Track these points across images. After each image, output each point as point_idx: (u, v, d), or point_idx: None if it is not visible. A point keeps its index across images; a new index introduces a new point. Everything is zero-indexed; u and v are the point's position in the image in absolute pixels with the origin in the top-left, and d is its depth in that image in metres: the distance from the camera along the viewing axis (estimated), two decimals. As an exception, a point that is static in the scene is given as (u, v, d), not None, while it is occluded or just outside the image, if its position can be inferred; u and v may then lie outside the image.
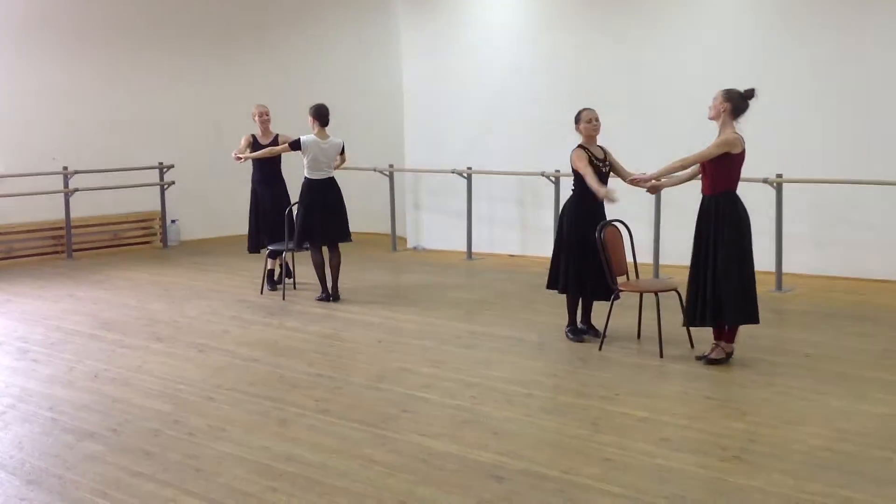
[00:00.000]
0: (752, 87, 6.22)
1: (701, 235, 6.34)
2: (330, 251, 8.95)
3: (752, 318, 6.31)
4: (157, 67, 13.19)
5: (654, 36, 10.63)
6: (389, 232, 12.59)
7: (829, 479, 4.40)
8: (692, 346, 6.78)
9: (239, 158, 9.39)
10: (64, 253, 12.19)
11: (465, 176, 11.60)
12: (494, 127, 11.80)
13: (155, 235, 13.27)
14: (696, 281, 6.35)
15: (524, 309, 8.46)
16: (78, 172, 12.13)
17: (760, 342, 6.76)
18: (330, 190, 8.89)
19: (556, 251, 7.19)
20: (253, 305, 8.89)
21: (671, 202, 9.48)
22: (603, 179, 6.98)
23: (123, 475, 4.63)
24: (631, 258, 7.19)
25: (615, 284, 6.83)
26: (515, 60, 11.64)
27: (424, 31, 12.47)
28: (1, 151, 11.81)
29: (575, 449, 4.90)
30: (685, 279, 6.50)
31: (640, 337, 7.17)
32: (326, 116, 8.80)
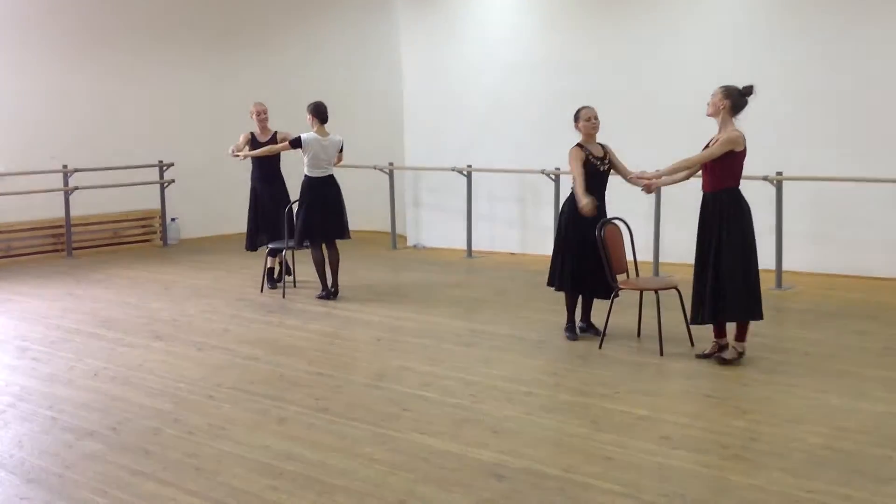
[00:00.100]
0: (750, 83, 6.23)
1: (704, 232, 6.33)
2: (328, 249, 8.95)
3: (754, 314, 6.31)
4: (156, 66, 13.19)
5: (653, 33, 10.62)
6: (389, 230, 12.59)
7: (829, 477, 4.40)
8: (692, 344, 6.78)
9: (237, 156, 9.44)
10: (64, 251, 12.19)
11: (465, 174, 11.59)
12: (494, 125, 11.80)
13: (155, 234, 13.27)
14: (700, 278, 6.36)
15: (524, 307, 8.45)
16: (78, 171, 12.12)
17: (760, 340, 6.76)
18: (330, 188, 8.89)
19: (555, 249, 7.19)
20: (253, 304, 8.89)
21: (671, 200, 9.48)
22: (601, 178, 6.98)
23: (123, 474, 4.63)
24: (631, 256, 7.19)
25: (615, 282, 6.83)
26: (515, 58, 11.63)
27: (424, 28, 12.47)
28: (1, 150, 11.80)
29: (575, 447, 4.90)
30: (685, 277, 6.50)
31: (640, 335, 7.16)
32: (325, 114, 8.80)
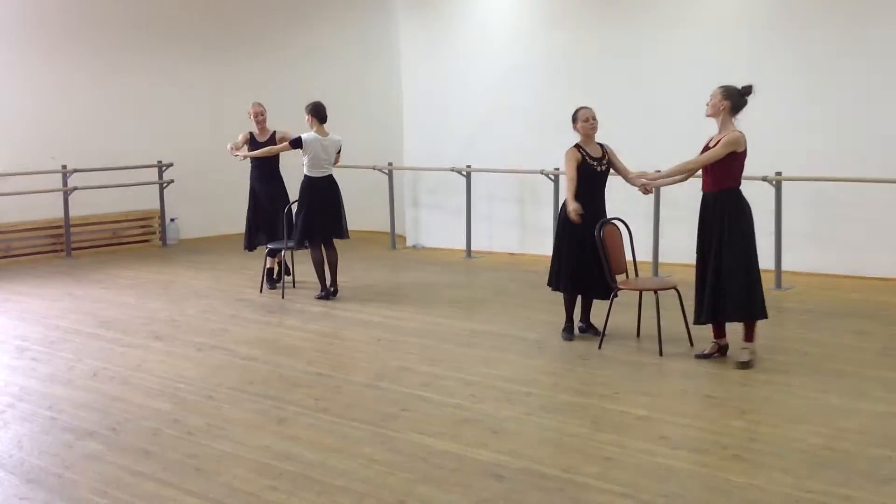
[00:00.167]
0: (749, 83, 6.22)
1: (704, 233, 6.32)
2: (326, 249, 8.95)
3: (754, 314, 6.28)
4: (156, 66, 13.18)
5: (653, 33, 10.61)
6: (388, 230, 12.59)
7: (828, 477, 4.40)
8: (692, 344, 6.78)
9: (236, 155, 9.43)
10: (63, 251, 12.18)
11: (464, 174, 11.59)
12: (493, 125, 11.79)
13: (154, 234, 13.27)
14: (701, 278, 6.35)
15: (523, 307, 8.45)
16: (77, 171, 12.12)
17: (760, 340, 6.73)
18: (330, 187, 8.89)
19: (554, 249, 7.19)
20: (252, 304, 8.89)
21: (670, 200, 9.49)
22: (599, 179, 6.99)
23: (123, 474, 4.63)
24: (630, 256, 7.19)
25: (614, 283, 6.83)
26: (514, 58, 11.62)
27: (423, 29, 12.46)
28: (0, 150, 11.80)
29: (574, 447, 4.90)
30: (684, 277, 6.49)
31: (639, 335, 7.16)
32: (325, 113, 8.79)
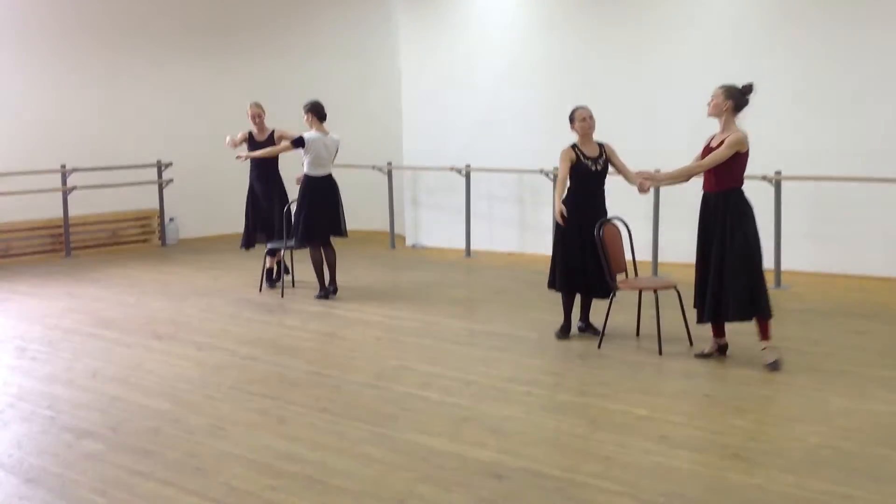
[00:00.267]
0: (750, 81, 6.22)
1: (706, 233, 6.29)
2: (325, 247, 8.95)
3: (758, 313, 6.25)
4: (155, 65, 13.17)
5: (652, 32, 10.62)
6: (388, 230, 12.59)
7: (828, 476, 4.40)
8: (691, 343, 6.78)
9: (239, 157, 9.39)
10: (62, 251, 12.17)
11: (463, 173, 11.59)
12: (493, 124, 11.79)
13: (153, 233, 13.26)
14: (702, 278, 6.34)
15: (523, 307, 8.45)
16: (76, 170, 12.12)
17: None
18: (331, 186, 8.90)
19: (553, 248, 7.19)
20: (252, 303, 8.88)
21: (670, 200, 9.48)
22: (596, 178, 6.99)
23: (123, 474, 4.63)
24: (630, 256, 7.19)
25: (614, 282, 6.83)
26: (514, 58, 11.63)
27: (423, 28, 12.46)
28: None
29: (574, 447, 4.90)
30: (684, 277, 6.48)
31: (639, 335, 7.16)
32: (324, 112, 8.79)
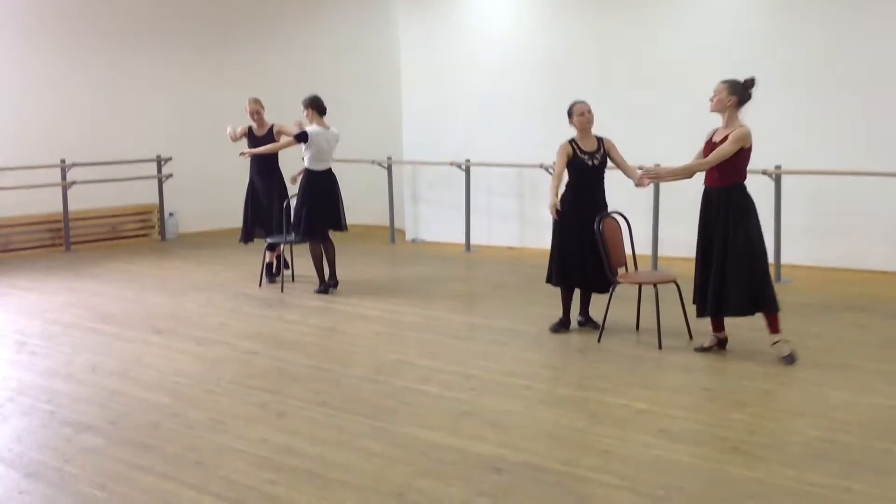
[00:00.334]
0: (751, 76, 6.21)
1: (708, 227, 6.27)
2: (324, 242, 8.94)
3: (763, 307, 6.24)
4: (154, 60, 13.15)
5: (652, 26, 10.60)
6: (388, 224, 12.59)
7: (828, 469, 4.40)
8: (691, 337, 6.78)
9: (243, 154, 9.29)
10: (62, 246, 12.17)
11: (463, 168, 11.58)
12: (493, 119, 11.78)
13: (153, 228, 13.25)
14: (703, 273, 6.33)
15: (523, 301, 8.45)
16: (75, 165, 12.11)
17: (759, 333, 6.74)
18: (331, 181, 8.90)
19: (551, 243, 7.19)
20: (252, 298, 8.88)
21: (670, 194, 9.48)
22: (592, 173, 6.98)
23: (122, 468, 4.63)
24: (630, 250, 7.19)
25: (614, 276, 6.82)
26: (514, 52, 11.61)
27: (422, 22, 12.45)
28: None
29: (574, 441, 4.91)
30: (684, 271, 6.48)
31: (638, 328, 7.17)
32: (324, 106, 8.78)
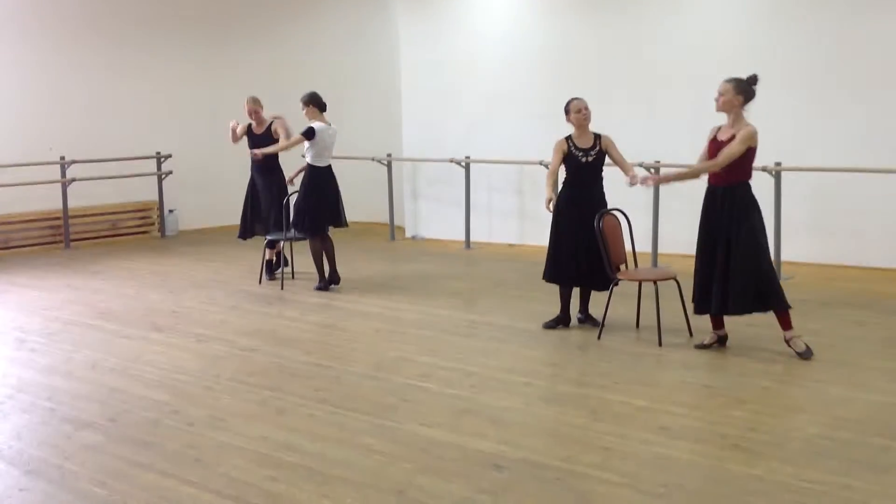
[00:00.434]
0: (753, 73, 6.19)
1: (712, 225, 6.25)
2: (323, 238, 8.94)
3: (767, 306, 6.22)
4: (154, 57, 13.15)
5: (652, 23, 10.60)
6: (388, 221, 12.58)
7: (828, 466, 4.41)
8: (691, 334, 6.78)
9: (255, 155, 9.13)
10: (62, 243, 12.17)
11: (463, 165, 11.57)
12: (492, 116, 11.77)
13: (153, 225, 13.26)
14: (705, 271, 6.32)
15: (523, 298, 8.45)
16: (75, 162, 12.10)
17: (759, 330, 6.75)
18: (332, 177, 8.91)
19: (549, 239, 7.20)
20: (251, 295, 8.88)
21: (669, 191, 9.46)
22: (587, 169, 6.97)
23: (122, 465, 4.63)
24: (629, 247, 7.18)
25: (613, 273, 6.82)
26: (513, 49, 11.60)
27: (422, 19, 12.43)
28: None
29: (574, 438, 4.91)
30: (684, 268, 6.47)
31: (638, 326, 7.16)
32: (324, 102, 8.79)
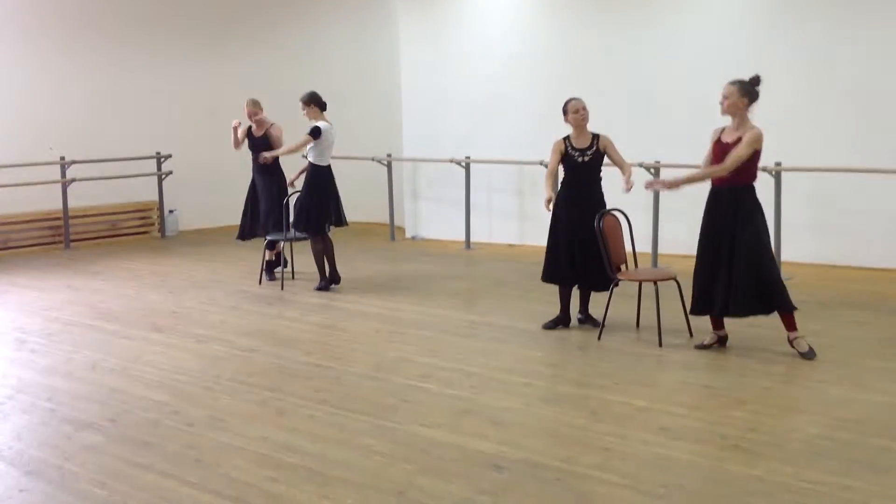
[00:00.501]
0: (756, 74, 6.19)
1: (715, 227, 6.24)
2: (325, 238, 8.94)
3: (780, 307, 6.22)
4: (154, 57, 13.15)
5: (651, 23, 10.59)
6: (388, 221, 12.58)
7: (827, 467, 4.41)
8: (691, 335, 6.78)
9: (265, 158, 9.14)
10: (62, 243, 12.16)
11: (463, 165, 11.57)
12: (493, 116, 11.77)
13: (153, 225, 13.25)
14: (707, 272, 6.31)
15: (523, 298, 8.45)
16: (75, 162, 12.10)
17: (759, 331, 6.75)
18: (332, 176, 8.91)
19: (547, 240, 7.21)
20: (251, 295, 8.88)
21: (670, 191, 9.45)
22: (582, 169, 6.98)
23: (122, 466, 4.63)
24: (630, 247, 7.18)
25: (614, 273, 6.82)
26: (513, 49, 11.60)
27: (423, 19, 12.43)
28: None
29: (574, 438, 4.91)
30: (684, 268, 6.47)
31: (638, 326, 7.16)
32: (324, 101, 8.80)
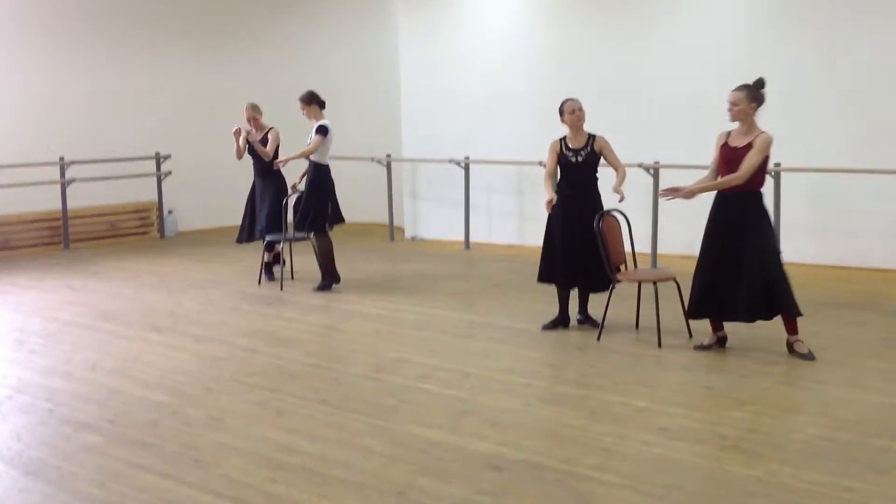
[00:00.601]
0: (760, 77, 6.18)
1: (721, 231, 6.23)
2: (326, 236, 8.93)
3: (785, 311, 6.22)
4: (153, 57, 13.14)
5: (651, 26, 10.60)
6: (387, 222, 12.58)
7: (827, 468, 4.41)
8: (691, 335, 6.78)
9: (279, 163, 9.09)
10: (61, 244, 12.15)
11: (462, 165, 11.57)
12: (492, 116, 11.78)
13: (152, 226, 13.25)
14: (709, 276, 6.30)
15: (522, 299, 8.44)
16: (74, 163, 12.10)
17: (759, 331, 6.74)
18: (331, 175, 8.90)
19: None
20: (251, 296, 8.88)
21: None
22: (577, 170, 6.98)
23: (121, 466, 4.63)
24: (629, 248, 7.18)
25: (613, 274, 6.82)
26: (513, 49, 11.60)
27: (423, 19, 12.43)
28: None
29: (573, 439, 4.91)
30: (683, 269, 6.46)
31: (638, 327, 7.16)
32: (323, 100, 8.81)
